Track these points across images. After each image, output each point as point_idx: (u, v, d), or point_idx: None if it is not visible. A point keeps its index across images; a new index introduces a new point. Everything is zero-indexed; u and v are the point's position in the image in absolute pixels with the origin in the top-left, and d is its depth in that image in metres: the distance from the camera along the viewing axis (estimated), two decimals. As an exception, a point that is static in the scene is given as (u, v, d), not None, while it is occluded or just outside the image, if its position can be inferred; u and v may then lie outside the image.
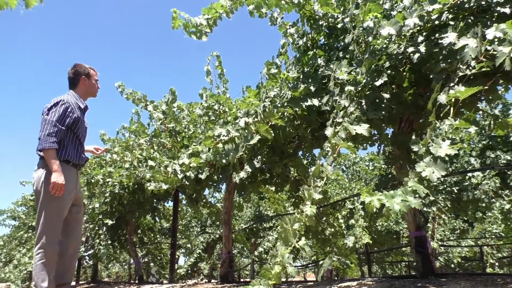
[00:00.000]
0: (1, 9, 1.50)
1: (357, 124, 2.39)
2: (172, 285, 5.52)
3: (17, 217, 12.06)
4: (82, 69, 3.38)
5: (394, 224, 10.21)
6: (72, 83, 3.38)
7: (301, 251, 2.16)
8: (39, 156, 3.20)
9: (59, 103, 3.15)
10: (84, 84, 3.38)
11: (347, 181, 8.99)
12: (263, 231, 12.23)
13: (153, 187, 4.12)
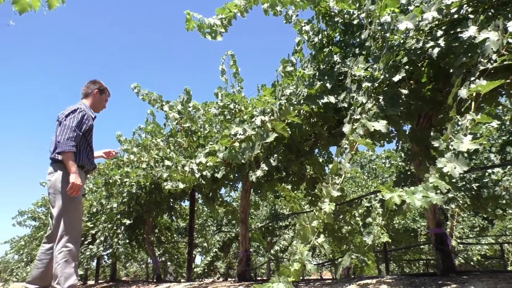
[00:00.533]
0: (24, 12, 1.53)
1: (375, 120, 2.37)
2: (190, 283, 5.56)
3: (37, 217, 12.29)
4: (98, 84, 3.74)
5: (411, 222, 10.10)
6: (85, 94, 3.70)
7: (320, 248, 2.16)
8: (54, 159, 3.37)
9: (77, 110, 3.40)
10: (95, 97, 3.69)
11: (364, 179, 8.93)
12: (279, 229, 12.23)
13: (170, 186, 4.16)
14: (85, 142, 3.48)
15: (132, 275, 19.42)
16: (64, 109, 3.50)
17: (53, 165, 3.40)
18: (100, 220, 7.20)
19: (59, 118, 3.40)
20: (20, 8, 1.58)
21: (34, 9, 1.60)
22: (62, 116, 3.39)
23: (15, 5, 1.57)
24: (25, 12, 1.61)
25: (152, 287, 5.96)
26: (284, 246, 11.85)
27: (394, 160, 8.32)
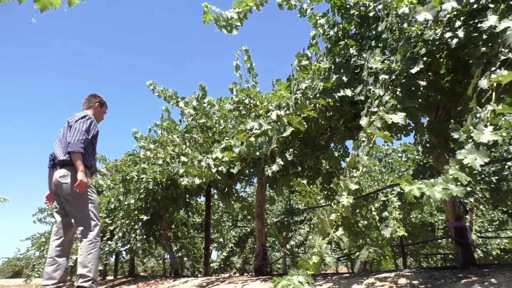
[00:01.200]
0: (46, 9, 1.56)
1: (393, 113, 2.36)
2: (207, 277, 5.61)
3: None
4: (99, 98, 4.06)
5: (428, 216, 9.99)
6: (87, 106, 3.99)
7: (337, 242, 2.16)
8: (66, 162, 3.58)
9: (86, 117, 3.70)
10: (96, 109, 3.99)
11: (380, 173, 8.85)
12: (294, 224, 12.22)
13: (186, 182, 4.20)
14: (91, 146, 3.76)
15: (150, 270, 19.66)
16: (72, 115, 3.78)
17: (66, 168, 3.60)
18: (118, 216, 7.30)
19: (70, 122, 3.67)
20: (41, 6, 1.61)
21: (55, 7, 1.63)
22: (72, 121, 3.66)
23: (37, 3, 1.60)
24: (46, 10, 1.64)
25: (170, 281, 6.03)
26: (300, 241, 11.85)
27: (410, 153, 8.21)
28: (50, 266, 3.54)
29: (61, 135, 3.80)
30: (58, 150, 3.69)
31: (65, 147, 3.61)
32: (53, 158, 3.76)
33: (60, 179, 3.57)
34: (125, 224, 7.12)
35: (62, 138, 3.72)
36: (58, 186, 3.60)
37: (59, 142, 3.75)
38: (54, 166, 3.72)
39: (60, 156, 3.62)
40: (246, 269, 13.39)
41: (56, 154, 3.68)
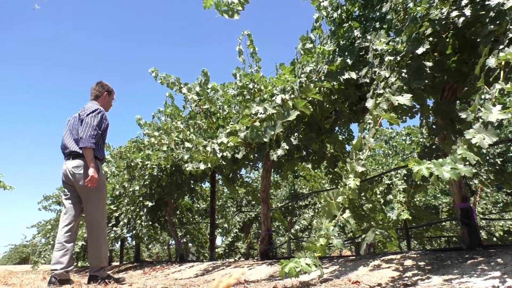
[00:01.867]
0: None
1: (399, 94, 2.34)
2: (213, 262, 5.67)
3: (61, 202, 12.58)
4: (107, 86, 4.05)
5: (432, 198, 10.01)
6: (95, 96, 3.99)
7: (346, 223, 2.17)
8: (76, 152, 3.68)
9: (97, 110, 3.74)
10: (105, 98, 4.01)
11: (383, 156, 8.84)
12: (299, 209, 12.28)
13: (191, 167, 4.21)
14: (101, 138, 3.82)
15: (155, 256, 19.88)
16: (83, 107, 3.84)
17: (80, 158, 3.68)
18: (123, 203, 7.35)
19: (81, 116, 3.72)
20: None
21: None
22: (83, 114, 3.71)
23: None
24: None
25: (176, 266, 6.09)
26: (304, 225, 11.92)
27: (414, 136, 8.18)
28: (59, 251, 3.59)
29: (71, 125, 3.83)
30: (69, 140, 3.76)
31: (77, 139, 3.69)
32: (63, 148, 3.81)
33: (73, 169, 3.65)
34: (130, 211, 7.18)
35: (73, 129, 3.78)
36: (71, 176, 3.67)
37: (70, 133, 3.80)
38: (65, 155, 3.79)
39: (72, 147, 3.71)
40: (251, 254, 13.51)
41: (67, 144, 3.74)
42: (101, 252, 3.68)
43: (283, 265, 2.02)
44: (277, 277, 3.49)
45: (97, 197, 3.69)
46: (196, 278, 4.38)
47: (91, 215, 3.68)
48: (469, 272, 2.22)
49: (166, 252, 18.53)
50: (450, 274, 2.27)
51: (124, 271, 7.40)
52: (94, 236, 3.66)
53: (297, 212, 12.43)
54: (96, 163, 3.67)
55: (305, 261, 2.06)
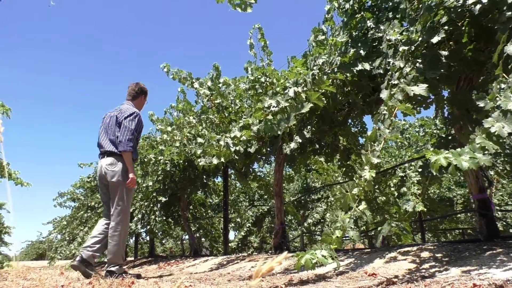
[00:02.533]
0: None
1: (414, 84, 2.31)
2: (227, 256, 5.69)
3: (76, 198, 12.74)
4: (145, 89, 4.26)
5: (446, 190, 9.89)
6: (133, 96, 4.16)
7: (362, 215, 2.16)
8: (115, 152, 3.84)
9: (134, 114, 3.94)
10: (141, 100, 4.22)
11: (397, 148, 8.75)
12: (311, 203, 12.26)
13: (204, 162, 4.22)
14: (136, 140, 4.04)
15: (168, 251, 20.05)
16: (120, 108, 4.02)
17: (114, 156, 3.85)
18: (136, 198, 7.42)
19: (119, 118, 3.90)
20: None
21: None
22: (121, 117, 3.89)
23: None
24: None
25: (190, 261, 6.14)
26: (317, 219, 11.90)
27: (428, 128, 8.08)
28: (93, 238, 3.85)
29: (106, 124, 4.00)
30: (105, 140, 3.93)
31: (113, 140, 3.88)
32: (99, 146, 4.00)
33: (107, 166, 3.82)
34: (144, 206, 7.24)
35: (109, 129, 3.94)
36: (104, 173, 3.84)
37: (105, 132, 3.97)
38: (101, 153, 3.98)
39: (107, 147, 3.87)
40: (264, 248, 13.55)
41: (103, 143, 3.92)
42: (120, 249, 3.78)
43: (299, 257, 2.02)
44: (292, 270, 3.49)
45: (124, 196, 3.82)
46: (211, 272, 4.41)
47: (116, 212, 3.79)
48: (488, 263, 2.20)
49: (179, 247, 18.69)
50: (468, 266, 2.25)
51: (139, 266, 7.47)
52: (116, 232, 3.76)
53: (310, 205, 12.41)
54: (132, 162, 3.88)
55: (321, 253, 2.06)
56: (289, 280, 2.87)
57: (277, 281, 2.87)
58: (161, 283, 3.12)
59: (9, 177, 6.39)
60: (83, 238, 9.00)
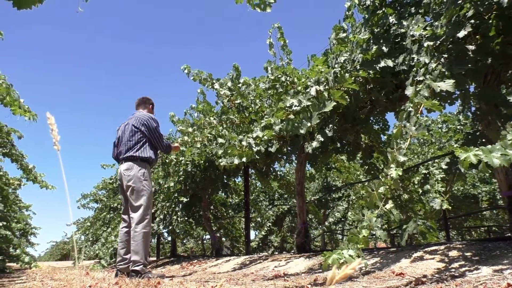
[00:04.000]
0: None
1: (441, 80, 2.27)
2: (250, 256, 5.70)
3: (99, 199, 12.96)
4: (151, 100, 4.51)
5: (471, 188, 9.69)
6: (144, 107, 4.42)
7: (389, 214, 2.13)
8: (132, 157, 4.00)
9: (157, 120, 4.24)
10: (150, 110, 4.45)
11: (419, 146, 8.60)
12: (332, 201, 12.18)
13: (225, 162, 4.23)
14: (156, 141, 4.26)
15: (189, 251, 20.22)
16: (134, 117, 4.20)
17: (130, 161, 4.01)
18: (158, 199, 7.50)
19: (144, 123, 4.09)
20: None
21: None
22: (147, 123, 4.10)
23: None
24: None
25: (213, 261, 6.17)
26: (337, 218, 11.82)
27: (451, 124, 7.91)
28: (122, 249, 4.01)
29: (122, 132, 4.21)
30: (123, 147, 4.11)
31: (129, 146, 4.05)
32: (118, 154, 4.20)
33: (124, 171, 3.99)
34: (165, 207, 7.32)
35: (125, 136, 4.12)
36: (123, 178, 4.01)
37: (122, 140, 4.16)
38: (119, 161, 4.17)
39: (125, 153, 4.04)
40: (285, 248, 13.52)
41: (121, 150, 4.11)
42: (142, 248, 3.83)
43: (326, 257, 2.01)
44: (316, 270, 3.47)
45: (142, 197, 3.92)
46: (234, 272, 4.42)
47: (136, 214, 3.88)
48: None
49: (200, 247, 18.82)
50: (500, 265, 2.19)
51: (162, 266, 7.55)
52: (137, 233, 3.83)
53: (330, 204, 12.33)
54: (146, 166, 4.06)
55: (348, 253, 2.04)
56: (314, 279, 2.85)
57: (302, 281, 2.85)
58: (186, 283, 3.14)
59: (34, 180, 6.54)
60: (107, 238, 9.15)
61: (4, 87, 3.48)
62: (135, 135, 4.06)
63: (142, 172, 3.98)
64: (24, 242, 9.27)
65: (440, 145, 7.98)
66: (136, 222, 3.85)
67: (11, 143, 5.51)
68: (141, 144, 4.05)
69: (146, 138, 4.09)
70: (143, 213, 3.88)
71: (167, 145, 4.34)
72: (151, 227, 4.04)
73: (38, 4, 1.63)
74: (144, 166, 4.03)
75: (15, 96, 3.69)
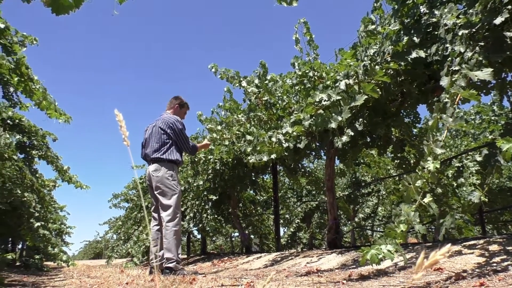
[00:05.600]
0: (124, 1, 1.60)
1: (478, 69, 2.20)
2: (281, 252, 5.70)
3: (129, 199, 13.24)
4: (179, 100, 4.51)
5: (507, 180, 9.36)
6: (169, 107, 4.47)
7: (428, 208, 2.08)
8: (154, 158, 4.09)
9: (183, 122, 4.32)
10: (175, 109, 4.46)
11: (451, 138, 8.35)
12: (362, 197, 12.02)
13: (254, 159, 4.25)
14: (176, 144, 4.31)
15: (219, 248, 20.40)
16: (160, 118, 4.27)
17: (158, 163, 4.10)
18: (188, 197, 7.59)
19: (162, 126, 4.16)
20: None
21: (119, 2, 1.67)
22: (173, 125, 4.18)
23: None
24: (126, 1, 1.68)
25: (243, 258, 6.21)
26: (367, 213, 11.66)
27: (485, 115, 7.65)
28: (155, 247, 4.10)
29: (149, 134, 4.29)
30: (150, 149, 4.19)
31: (157, 147, 4.13)
32: (146, 155, 4.29)
33: (153, 172, 4.08)
34: (195, 205, 7.40)
35: (153, 138, 4.21)
36: (151, 178, 4.11)
37: (149, 141, 4.24)
38: (148, 162, 4.28)
39: (152, 154, 4.13)
40: (314, 244, 13.46)
41: (148, 152, 4.19)
42: (175, 246, 3.91)
43: (365, 252, 1.98)
44: (350, 265, 3.44)
45: (171, 197, 4.01)
46: (266, 268, 4.43)
47: (165, 213, 3.97)
48: None
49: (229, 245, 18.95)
50: (545, 259, 2.11)
51: (193, 263, 7.65)
52: (168, 231, 3.90)
53: (360, 200, 12.17)
54: (174, 167, 4.14)
55: (387, 248, 2.01)
56: (348, 275, 2.82)
57: (336, 276, 2.83)
58: (220, 280, 3.17)
59: (69, 181, 6.74)
60: (138, 237, 9.33)
61: (41, 92, 3.60)
62: (162, 137, 4.14)
63: (170, 173, 4.07)
64: (59, 242, 9.57)
65: (474, 137, 7.74)
66: (167, 221, 3.93)
67: (46, 145, 5.70)
68: (168, 146, 4.13)
69: (172, 141, 4.17)
70: (173, 212, 3.96)
71: (192, 146, 4.40)
72: (181, 225, 4.09)
73: (75, 9, 1.67)
74: (172, 168, 4.11)
75: (51, 100, 3.81)
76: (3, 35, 3.01)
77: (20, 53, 3.21)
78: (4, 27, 2.97)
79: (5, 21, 3.00)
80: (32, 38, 3.42)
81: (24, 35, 3.33)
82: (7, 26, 3.03)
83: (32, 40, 3.41)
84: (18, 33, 3.24)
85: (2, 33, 2.97)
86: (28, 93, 3.54)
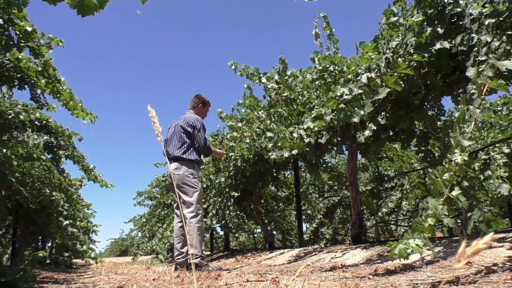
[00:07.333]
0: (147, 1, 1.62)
1: (506, 59, 2.14)
2: (304, 248, 5.70)
3: (153, 197, 13.44)
4: (202, 99, 4.56)
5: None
6: (193, 106, 4.53)
7: (456, 201, 2.05)
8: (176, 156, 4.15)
9: (202, 122, 4.34)
10: (199, 109, 4.52)
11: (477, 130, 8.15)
12: (385, 191, 11.89)
13: (275, 156, 4.25)
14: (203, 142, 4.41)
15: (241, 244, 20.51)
16: (183, 117, 4.35)
17: (178, 161, 4.16)
18: (210, 194, 7.65)
19: (183, 126, 4.22)
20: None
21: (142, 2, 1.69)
22: (185, 124, 4.22)
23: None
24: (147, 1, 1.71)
25: (267, 254, 6.23)
26: (391, 208, 11.52)
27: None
28: (179, 244, 4.18)
29: (171, 133, 4.36)
30: (171, 147, 4.26)
31: (178, 146, 4.21)
32: (167, 153, 4.32)
33: (174, 171, 4.15)
34: (217, 202, 7.46)
35: (174, 136, 4.28)
36: (173, 177, 4.19)
37: (171, 140, 4.31)
38: (169, 160, 4.33)
39: (173, 153, 4.19)
40: (337, 240, 13.38)
41: (170, 151, 4.26)
42: (198, 242, 3.97)
43: (392, 247, 1.97)
44: (375, 260, 3.41)
45: (192, 195, 4.07)
46: (290, 264, 4.43)
47: (188, 211, 4.03)
48: None
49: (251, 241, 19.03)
50: None
51: (217, 260, 7.72)
52: (191, 227, 3.98)
53: (383, 194, 12.03)
54: (194, 165, 4.20)
55: (415, 242, 1.99)
56: (374, 270, 2.80)
57: (362, 271, 2.81)
58: (244, 276, 3.20)
59: (95, 180, 6.87)
60: (163, 234, 9.46)
61: (68, 92, 3.68)
62: (182, 136, 4.21)
63: (191, 171, 4.13)
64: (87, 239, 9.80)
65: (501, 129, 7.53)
66: (190, 217, 4.00)
67: (73, 145, 5.83)
68: (188, 146, 4.20)
69: (192, 140, 4.24)
70: (195, 209, 4.03)
71: (207, 147, 4.38)
72: (204, 222, 4.14)
73: (99, 10, 1.70)
74: (192, 166, 4.17)
75: (77, 100, 3.90)
76: (31, 38, 3.10)
77: (47, 55, 3.29)
78: (32, 30, 3.06)
79: (32, 24, 3.09)
80: (58, 40, 3.51)
81: (50, 37, 3.43)
82: (34, 29, 3.12)
83: (58, 42, 3.49)
84: (45, 36, 3.34)
85: (29, 36, 3.06)
86: (55, 94, 3.63)
